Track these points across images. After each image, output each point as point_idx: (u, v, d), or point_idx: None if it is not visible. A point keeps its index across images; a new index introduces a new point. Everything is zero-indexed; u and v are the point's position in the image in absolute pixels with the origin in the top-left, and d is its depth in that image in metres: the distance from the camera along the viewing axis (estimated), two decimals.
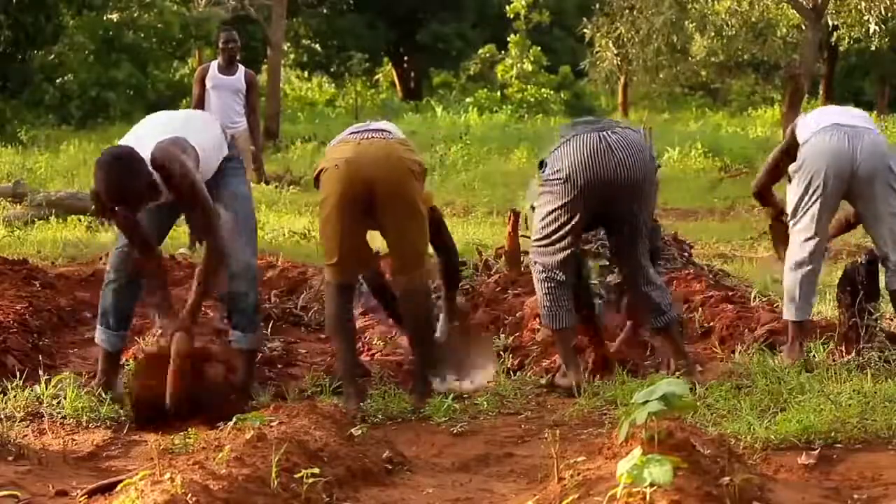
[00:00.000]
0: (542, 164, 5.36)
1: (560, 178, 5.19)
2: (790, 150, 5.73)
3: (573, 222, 5.24)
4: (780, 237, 6.08)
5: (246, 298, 5.10)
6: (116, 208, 4.71)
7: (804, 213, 5.54)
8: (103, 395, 4.95)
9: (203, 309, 6.22)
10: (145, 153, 4.70)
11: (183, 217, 5.27)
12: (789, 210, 5.66)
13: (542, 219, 5.31)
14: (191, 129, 4.97)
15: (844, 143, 5.46)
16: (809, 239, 5.53)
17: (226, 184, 5.07)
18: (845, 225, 6.07)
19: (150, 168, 4.67)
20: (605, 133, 5.21)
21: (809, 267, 5.54)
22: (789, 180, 5.65)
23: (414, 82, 38.18)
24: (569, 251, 5.29)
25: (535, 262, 5.37)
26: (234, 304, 5.17)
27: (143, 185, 4.65)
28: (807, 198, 5.51)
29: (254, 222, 5.23)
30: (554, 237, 5.27)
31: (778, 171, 5.91)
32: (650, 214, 5.41)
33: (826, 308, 6.47)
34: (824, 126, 5.56)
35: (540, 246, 5.34)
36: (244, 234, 5.08)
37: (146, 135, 4.86)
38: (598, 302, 5.71)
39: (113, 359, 5.17)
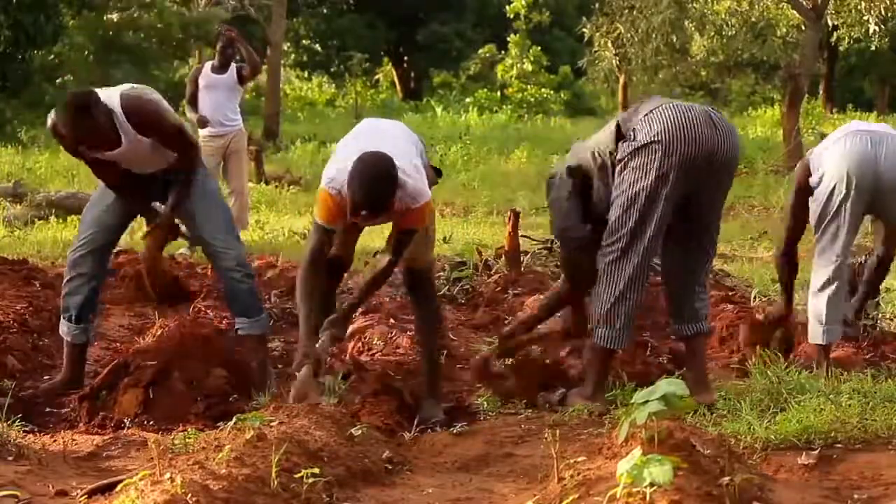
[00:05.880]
0: (622, 135, 4.66)
1: (657, 144, 4.55)
2: (806, 190, 5.21)
3: (663, 205, 4.59)
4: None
5: (242, 285, 5.14)
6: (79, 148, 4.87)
7: (826, 227, 5.10)
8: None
9: (203, 309, 6.23)
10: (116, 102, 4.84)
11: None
12: (812, 225, 5.21)
13: (627, 208, 4.62)
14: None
15: (867, 146, 5.01)
16: (834, 256, 5.10)
17: (196, 188, 5.13)
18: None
19: (109, 109, 4.77)
20: (703, 107, 4.72)
21: (835, 286, 5.12)
22: (811, 194, 5.21)
23: (414, 82, 38.21)
24: (651, 254, 4.71)
25: (618, 267, 4.66)
26: (233, 294, 5.21)
27: (98, 125, 4.73)
28: (830, 208, 5.07)
29: (229, 213, 5.38)
30: (642, 227, 4.61)
31: (800, 220, 5.33)
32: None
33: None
34: (845, 133, 5.13)
35: (621, 246, 4.64)
36: (228, 229, 5.19)
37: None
38: None
39: (76, 351, 5.25)
